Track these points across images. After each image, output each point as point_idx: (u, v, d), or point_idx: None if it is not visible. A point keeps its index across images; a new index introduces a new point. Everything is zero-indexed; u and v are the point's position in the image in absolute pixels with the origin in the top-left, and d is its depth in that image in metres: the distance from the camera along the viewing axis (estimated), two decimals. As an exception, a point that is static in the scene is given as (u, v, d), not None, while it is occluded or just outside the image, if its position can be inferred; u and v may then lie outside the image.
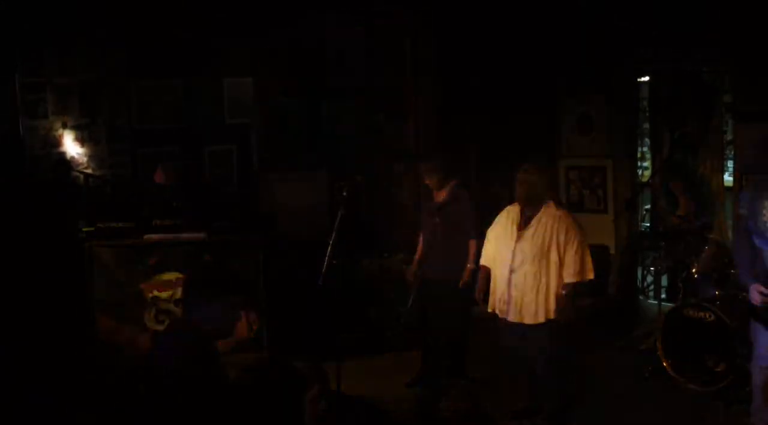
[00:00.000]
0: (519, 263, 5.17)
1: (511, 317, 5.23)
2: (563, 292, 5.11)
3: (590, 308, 5.60)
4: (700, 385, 5.65)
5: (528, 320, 5.16)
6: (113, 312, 6.12)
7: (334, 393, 2.81)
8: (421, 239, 6.04)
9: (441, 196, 5.83)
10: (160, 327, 6.10)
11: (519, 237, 5.18)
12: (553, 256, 5.11)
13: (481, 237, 5.61)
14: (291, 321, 6.39)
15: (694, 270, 6.10)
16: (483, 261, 5.50)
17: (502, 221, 5.39)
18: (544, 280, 5.12)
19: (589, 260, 5.18)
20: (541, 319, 5.13)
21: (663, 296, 7.27)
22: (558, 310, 5.10)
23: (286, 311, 6.41)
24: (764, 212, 4.46)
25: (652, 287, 7.71)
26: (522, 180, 5.20)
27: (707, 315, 5.66)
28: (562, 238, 5.09)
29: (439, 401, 2.49)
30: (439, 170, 5.79)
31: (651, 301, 7.47)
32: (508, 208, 5.39)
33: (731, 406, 5.38)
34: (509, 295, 5.21)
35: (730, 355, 5.50)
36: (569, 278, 5.11)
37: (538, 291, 5.13)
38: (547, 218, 5.15)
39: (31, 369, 5.51)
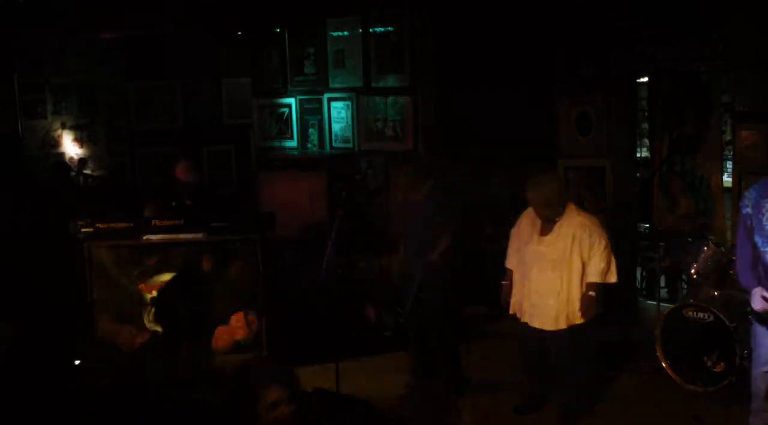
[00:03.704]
0: (539, 269, 5.18)
1: (532, 323, 5.27)
2: (588, 292, 5.13)
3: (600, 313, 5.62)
4: (700, 385, 5.65)
5: (549, 326, 5.20)
6: (112, 313, 6.11)
7: (304, 393, 2.80)
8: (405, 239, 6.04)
9: (424, 195, 5.81)
10: (159, 328, 6.09)
11: (540, 243, 5.18)
12: (576, 261, 5.13)
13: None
14: (291, 321, 6.40)
15: (693, 271, 6.10)
16: (508, 264, 5.49)
17: (524, 225, 5.35)
18: (565, 286, 5.15)
19: (613, 262, 5.21)
20: (563, 325, 5.17)
21: (662, 296, 7.26)
22: (581, 309, 5.14)
23: (285, 312, 6.41)
24: (766, 212, 4.43)
25: (651, 287, 7.71)
26: (535, 196, 5.10)
27: (706, 316, 5.66)
28: (586, 242, 5.11)
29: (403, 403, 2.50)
30: (419, 171, 5.75)
31: (650, 301, 7.48)
32: (529, 211, 5.33)
33: (731, 406, 5.38)
34: (530, 300, 5.24)
35: (730, 355, 5.50)
36: (593, 277, 5.14)
37: (558, 297, 5.15)
38: (570, 224, 5.15)
39: (31, 370, 5.49)
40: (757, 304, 4.35)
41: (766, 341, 4.53)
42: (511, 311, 5.45)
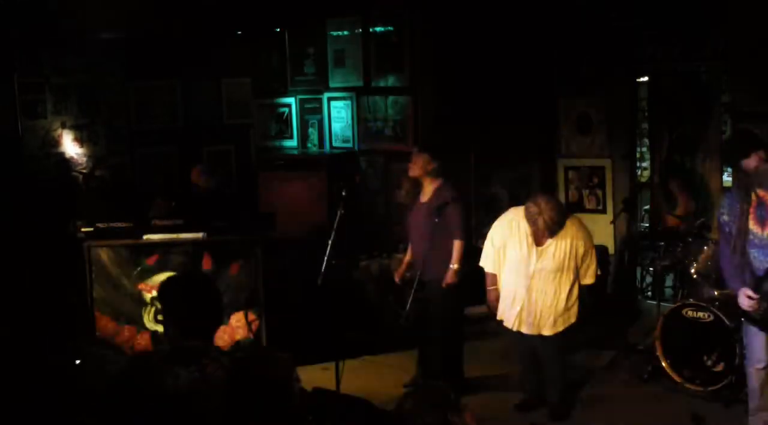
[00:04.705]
0: (541, 278, 5.21)
1: (527, 331, 5.31)
2: (582, 296, 5.29)
3: (590, 308, 5.67)
4: (699, 385, 5.65)
5: (546, 331, 5.28)
6: (112, 312, 6.11)
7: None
8: (410, 240, 6.02)
9: (429, 195, 5.80)
10: (160, 328, 6.09)
11: (540, 254, 5.18)
12: (573, 268, 5.22)
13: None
14: (291, 321, 6.40)
15: (692, 270, 6.10)
16: (489, 269, 5.46)
17: (512, 232, 5.28)
18: (563, 294, 5.23)
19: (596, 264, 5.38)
20: (560, 328, 5.26)
21: (662, 296, 7.27)
22: (577, 312, 5.28)
23: (285, 311, 6.41)
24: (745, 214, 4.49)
25: (651, 287, 7.72)
26: (544, 224, 5.03)
27: (706, 315, 5.67)
28: (581, 250, 5.22)
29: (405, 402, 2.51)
30: (429, 159, 5.74)
31: (650, 301, 7.48)
32: (515, 216, 5.27)
33: (730, 406, 5.39)
34: (528, 310, 5.27)
35: (729, 355, 5.50)
36: (588, 281, 5.32)
37: (557, 304, 5.23)
38: (566, 233, 5.17)
39: (31, 370, 5.50)
40: (744, 304, 4.45)
41: (757, 339, 4.61)
42: (499, 317, 5.48)
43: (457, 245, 5.63)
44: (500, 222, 5.42)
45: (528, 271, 5.21)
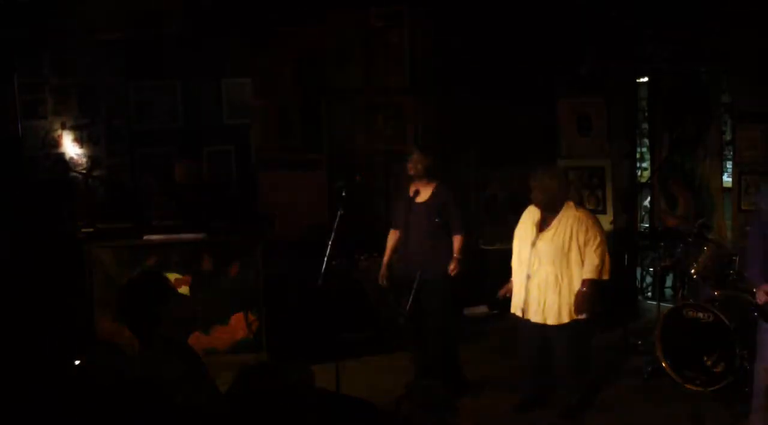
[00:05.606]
0: (539, 264, 5.24)
1: (534, 318, 5.31)
2: (582, 289, 5.19)
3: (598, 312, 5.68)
4: (700, 385, 5.65)
5: (551, 321, 5.27)
6: (112, 313, 6.11)
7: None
8: (394, 239, 6.01)
9: (428, 195, 5.82)
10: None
11: (539, 238, 5.24)
12: (574, 256, 5.20)
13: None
14: (290, 321, 6.40)
15: (693, 271, 6.10)
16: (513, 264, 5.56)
17: (524, 222, 5.44)
18: (566, 280, 5.22)
19: (607, 260, 5.28)
20: (565, 319, 5.24)
21: (662, 296, 7.27)
22: (576, 305, 5.20)
23: (285, 312, 6.41)
24: None
25: (651, 287, 7.72)
26: (539, 187, 5.24)
27: (706, 316, 5.67)
28: (582, 238, 5.20)
29: (402, 403, 2.50)
30: (431, 160, 5.76)
31: (650, 301, 7.48)
32: (530, 208, 5.43)
33: (730, 406, 5.39)
34: (531, 295, 5.29)
35: (729, 355, 5.50)
36: (587, 274, 5.20)
37: (560, 292, 5.22)
38: (567, 219, 5.22)
39: (31, 370, 5.50)
40: (762, 300, 4.41)
41: None
42: (512, 310, 5.51)
43: (458, 239, 5.71)
44: (521, 218, 5.54)
45: (530, 256, 5.27)
